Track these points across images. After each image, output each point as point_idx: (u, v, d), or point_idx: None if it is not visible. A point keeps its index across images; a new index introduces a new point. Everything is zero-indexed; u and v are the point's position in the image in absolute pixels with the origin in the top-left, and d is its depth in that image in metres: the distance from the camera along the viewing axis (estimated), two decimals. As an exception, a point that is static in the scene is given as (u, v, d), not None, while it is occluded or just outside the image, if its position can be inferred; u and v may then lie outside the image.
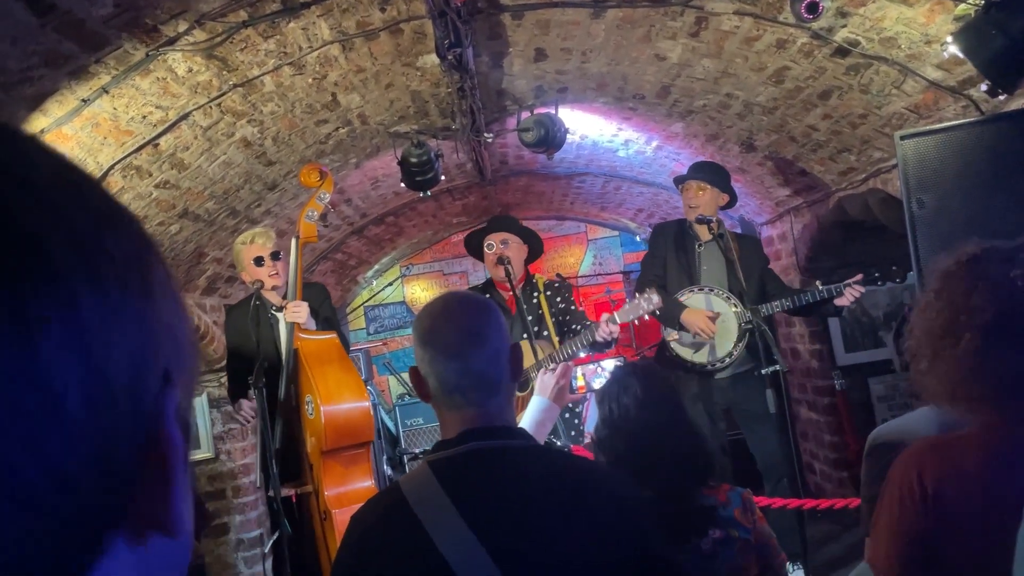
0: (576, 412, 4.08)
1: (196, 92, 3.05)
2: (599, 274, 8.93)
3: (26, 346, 0.35)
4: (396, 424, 6.94)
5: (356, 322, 8.86)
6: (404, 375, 7.41)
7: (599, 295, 8.67)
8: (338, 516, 3.30)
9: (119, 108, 2.85)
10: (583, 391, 2.67)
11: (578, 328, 3.93)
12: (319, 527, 3.45)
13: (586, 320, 4.06)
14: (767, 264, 4.40)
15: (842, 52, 3.24)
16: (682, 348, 4.16)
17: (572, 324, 4.04)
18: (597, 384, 2.22)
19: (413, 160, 4.14)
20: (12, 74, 2.35)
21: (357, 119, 4.07)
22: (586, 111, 4.71)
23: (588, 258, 9.10)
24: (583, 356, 4.64)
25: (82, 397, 0.37)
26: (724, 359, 4.09)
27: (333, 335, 3.65)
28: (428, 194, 4.53)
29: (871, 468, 1.98)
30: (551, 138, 4.09)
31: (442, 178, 4.46)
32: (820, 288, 3.92)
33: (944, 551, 1.31)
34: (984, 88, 2.81)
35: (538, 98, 4.32)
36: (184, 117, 3.15)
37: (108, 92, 2.71)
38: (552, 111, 4.14)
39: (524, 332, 3.76)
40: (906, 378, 2.14)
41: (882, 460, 1.95)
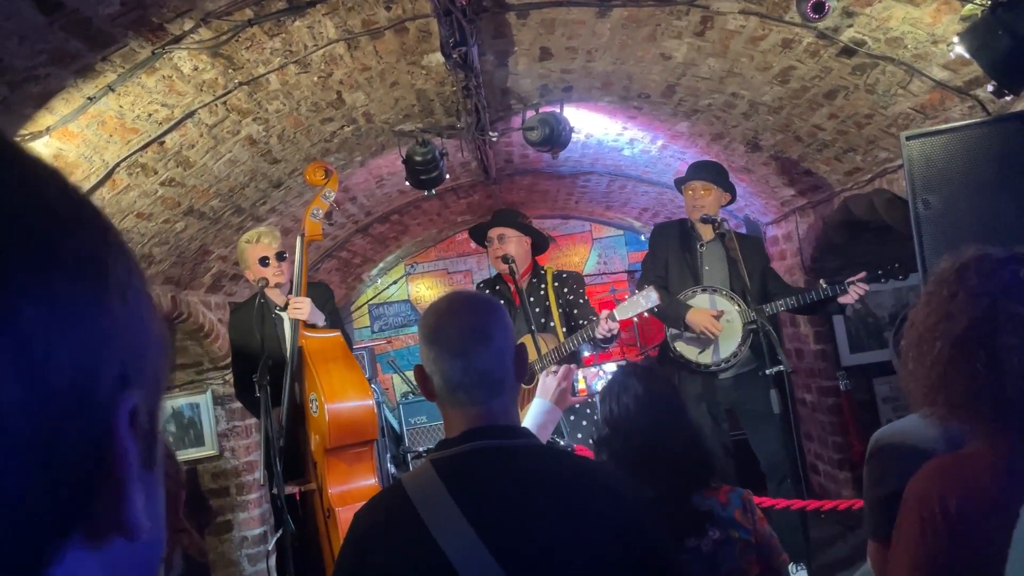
0: (587, 414, 4.06)
1: (202, 90, 3.05)
2: (603, 273, 8.92)
3: None
4: (400, 422, 6.95)
5: (360, 320, 8.86)
6: (408, 373, 7.41)
7: (604, 294, 8.66)
8: (341, 514, 3.31)
9: (125, 106, 2.86)
10: (584, 394, 2.66)
11: (583, 323, 3.95)
12: (322, 525, 3.46)
13: (593, 314, 4.07)
14: (768, 263, 4.39)
15: (848, 52, 3.23)
16: (686, 348, 4.16)
17: (579, 318, 4.05)
18: (599, 387, 2.23)
19: (418, 158, 4.14)
20: (19, 72, 2.36)
21: (362, 117, 4.08)
22: (591, 110, 4.70)
23: (593, 257, 9.09)
24: (587, 355, 4.64)
25: (19, 400, 0.37)
26: (729, 359, 4.08)
27: (337, 333, 3.66)
28: (433, 193, 4.53)
29: (874, 470, 1.97)
30: (556, 137, 4.09)
31: (447, 177, 4.46)
32: (824, 286, 3.91)
33: (966, 571, 1.27)
34: (991, 88, 2.80)
35: (543, 97, 4.31)
36: (190, 115, 3.15)
37: (114, 90, 2.71)
38: (557, 110, 4.13)
39: (529, 324, 3.76)
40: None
41: (885, 462, 1.94)
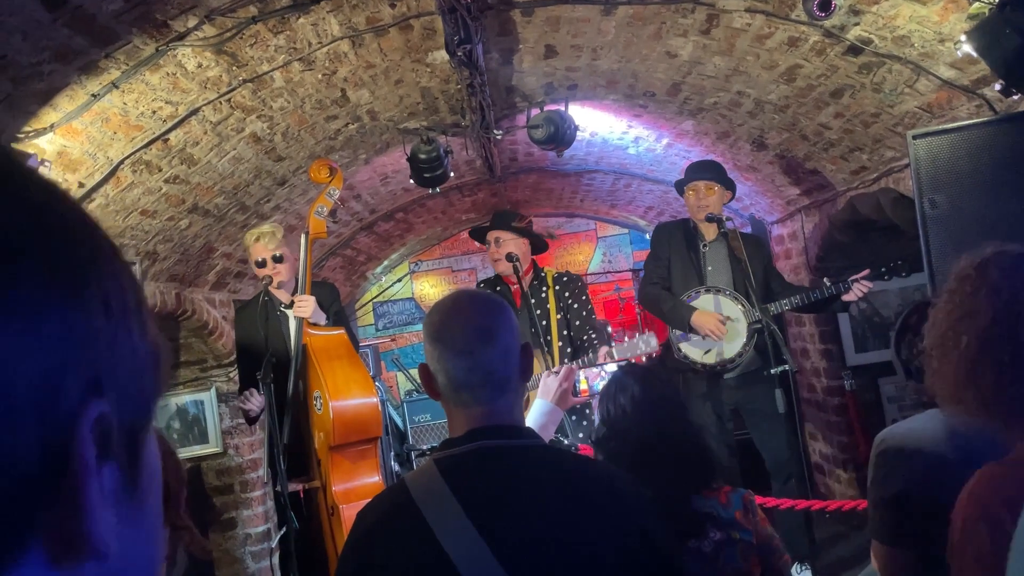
0: (585, 414, 4.07)
1: (206, 87, 3.05)
2: (608, 272, 8.90)
3: None
4: (404, 420, 6.95)
5: (365, 318, 8.86)
6: (412, 371, 7.41)
7: (608, 292, 8.65)
8: (346, 511, 3.31)
9: (129, 103, 2.85)
10: (586, 395, 2.66)
11: (585, 338, 4.03)
12: (326, 522, 3.46)
13: (593, 319, 4.10)
14: (771, 262, 4.38)
15: (855, 50, 3.21)
16: (691, 349, 4.14)
17: (579, 325, 4.06)
18: (601, 387, 2.23)
19: (422, 156, 4.13)
20: (23, 68, 2.36)
21: (367, 115, 4.07)
22: (596, 108, 4.69)
23: (597, 256, 9.08)
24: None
25: None
26: (734, 359, 4.07)
27: (342, 331, 3.66)
28: (437, 191, 4.53)
29: (878, 471, 1.96)
30: (561, 135, 4.08)
31: (451, 175, 4.46)
32: (827, 285, 3.90)
33: None
34: (998, 87, 2.78)
35: (548, 95, 4.30)
36: (194, 112, 3.15)
37: (118, 87, 2.71)
38: (562, 108, 4.12)
39: (531, 326, 3.77)
40: (908, 384, 2.12)
41: (890, 464, 1.93)
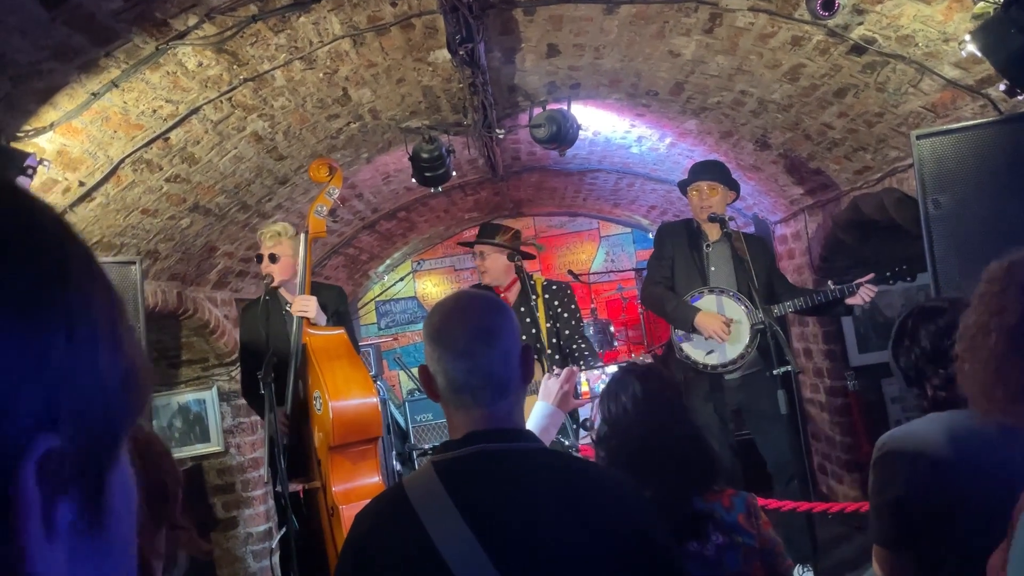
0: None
1: (206, 86, 3.04)
2: (611, 271, 8.89)
3: None
4: (406, 419, 6.94)
5: (367, 317, 8.86)
6: (414, 370, 7.38)
7: (611, 292, 8.63)
8: (345, 512, 3.30)
9: (129, 102, 2.85)
10: (587, 397, 2.66)
11: (575, 337, 4.10)
12: (326, 522, 3.45)
13: (582, 328, 4.19)
14: (774, 263, 4.36)
15: (858, 50, 3.19)
16: (693, 350, 4.13)
17: (564, 330, 4.08)
18: (602, 390, 2.22)
19: (424, 156, 4.12)
20: (22, 67, 2.35)
21: (368, 114, 4.06)
22: (599, 107, 4.68)
23: (600, 255, 9.06)
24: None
25: None
26: (736, 360, 4.05)
27: (341, 331, 3.66)
28: (440, 190, 4.52)
29: (880, 475, 1.95)
30: (563, 134, 4.07)
31: (453, 174, 4.45)
32: (832, 288, 3.88)
33: None
34: (1002, 87, 2.77)
35: (550, 94, 4.29)
36: (194, 111, 3.15)
37: (118, 86, 2.70)
38: (564, 107, 4.11)
39: (521, 335, 3.78)
40: (910, 390, 2.10)
41: (891, 467, 1.92)
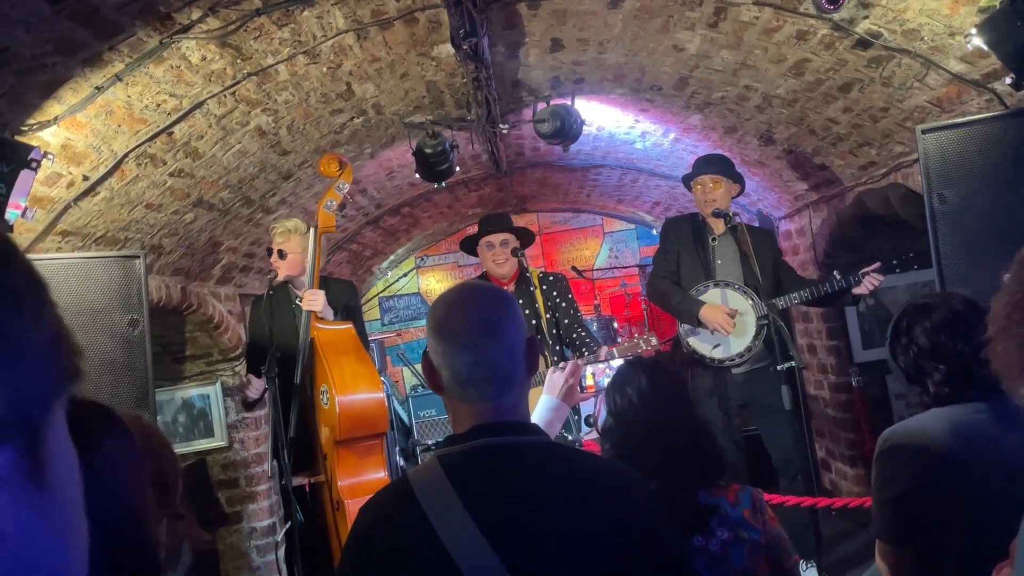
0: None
1: (210, 80, 3.04)
2: (615, 267, 8.88)
3: None
4: (409, 415, 6.95)
5: (371, 313, 8.87)
6: (418, 366, 7.41)
7: (615, 288, 8.63)
8: (351, 506, 3.30)
9: (133, 96, 2.85)
10: (592, 390, 2.66)
11: (575, 327, 4.14)
12: (331, 516, 3.46)
13: (580, 317, 4.24)
14: (780, 255, 4.36)
15: (864, 44, 3.18)
16: (700, 344, 4.13)
17: (564, 319, 4.10)
18: (607, 383, 2.22)
19: (428, 151, 4.12)
20: (26, 61, 2.35)
21: (372, 109, 4.06)
22: (603, 102, 4.66)
23: (604, 251, 9.06)
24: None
25: None
26: (742, 354, 4.05)
27: (349, 325, 3.67)
28: (443, 185, 4.52)
29: (882, 470, 1.95)
30: (567, 130, 4.06)
31: (457, 169, 4.44)
32: (838, 278, 3.87)
33: None
34: (1008, 81, 2.75)
35: (554, 89, 4.28)
36: (198, 106, 3.14)
37: (122, 80, 2.70)
38: (568, 102, 4.10)
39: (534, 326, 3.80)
40: (911, 388, 2.09)
41: (894, 462, 1.92)
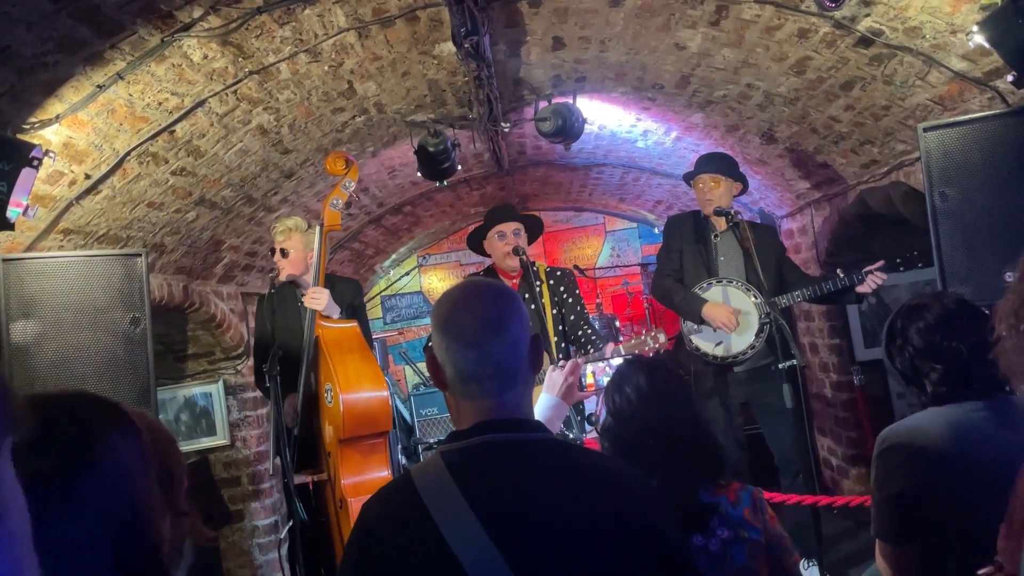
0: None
1: (212, 79, 3.04)
2: (617, 266, 8.88)
3: None
4: (411, 413, 6.96)
5: (373, 311, 8.88)
6: (420, 365, 7.42)
7: (616, 287, 8.63)
8: (354, 504, 3.30)
9: (135, 94, 2.85)
10: (592, 389, 2.67)
11: (580, 323, 4.14)
12: (334, 515, 3.46)
13: (586, 313, 4.23)
14: (784, 252, 4.35)
15: (865, 42, 3.17)
16: (703, 342, 4.13)
17: (569, 316, 4.10)
18: (607, 382, 2.23)
19: (430, 149, 4.12)
20: (27, 59, 2.36)
21: (374, 107, 4.06)
22: (604, 101, 4.66)
23: (606, 250, 9.05)
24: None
25: None
26: (745, 351, 4.05)
27: (354, 323, 3.68)
28: (445, 184, 4.52)
29: (881, 469, 1.95)
30: (569, 128, 4.06)
31: (459, 168, 4.44)
32: (841, 276, 3.87)
33: None
34: (1010, 79, 2.74)
35: (556, 87, 4.28)
36: (200, 104, 3.14)
37: (123, 78, 2.70)
38: (570, 101, 4.10)
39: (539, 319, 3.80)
40: (909, 388, 2.10)
41: (893, 461, 1.92)
